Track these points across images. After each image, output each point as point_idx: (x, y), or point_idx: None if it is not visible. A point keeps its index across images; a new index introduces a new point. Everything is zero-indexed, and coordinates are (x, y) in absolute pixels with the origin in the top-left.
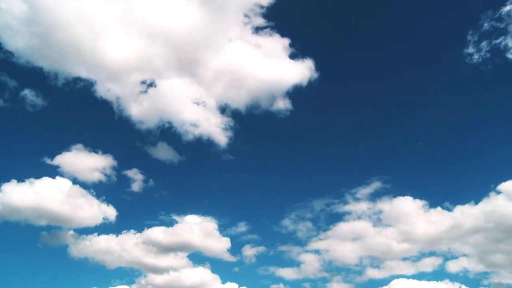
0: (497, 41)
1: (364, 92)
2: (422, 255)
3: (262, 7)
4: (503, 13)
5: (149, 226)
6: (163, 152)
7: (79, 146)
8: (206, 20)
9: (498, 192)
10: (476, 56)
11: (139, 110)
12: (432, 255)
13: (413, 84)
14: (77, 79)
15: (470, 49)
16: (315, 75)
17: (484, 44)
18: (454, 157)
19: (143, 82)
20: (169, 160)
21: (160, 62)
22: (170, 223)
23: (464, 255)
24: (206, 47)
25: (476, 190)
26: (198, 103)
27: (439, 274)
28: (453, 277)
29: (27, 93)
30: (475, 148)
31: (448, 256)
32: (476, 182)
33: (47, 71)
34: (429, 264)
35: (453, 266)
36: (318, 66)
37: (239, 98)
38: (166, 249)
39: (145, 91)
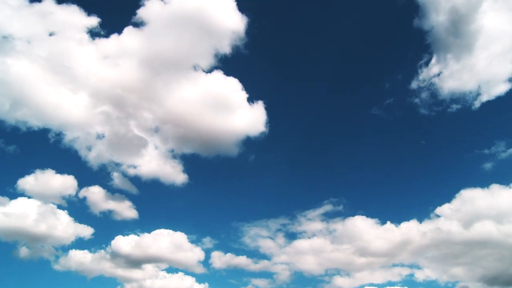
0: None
1: (312, 132)
2: (386, 267)
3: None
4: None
5: (120, 241)
6: (123, 185)
7: (45, 170)
8: (149, 72)
9: (438, 216)
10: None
11: (94, 154)
12: (395, 266)
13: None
14: (39, 130)
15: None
16: (265, 116)
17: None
18: (396, 182)
19: (97, 132)
20: (130, 192)
21: (114, 112)
22: (141, 237)
23: (427, 267)
24: (152, 97)
25: (418, 212)
26: (148, 145)
27: (408, 283)
28: (424, 285)
29: None
30: (414, 177)
31: (413, 267)
32: (417, 207)
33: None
34: (396, 274)
35: (419, 276)
36: (268, 108)
37: (188, 142)
38: (140, 261)
39: (99, 138)
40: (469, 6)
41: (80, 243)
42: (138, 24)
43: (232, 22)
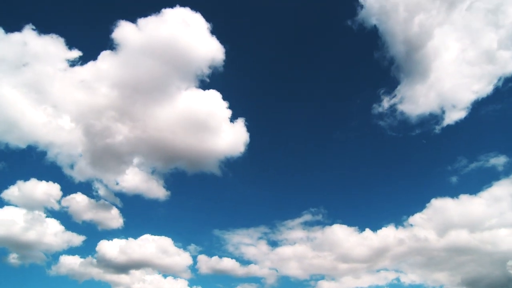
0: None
1: (289, 148)
2: (371, 271)
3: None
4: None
5: (108, 247)
6: (108, 198)
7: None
8: (130, 93)
9: (411, 225)
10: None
11: (78, 171)
12: (380, 271)
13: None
14: (20, 151)
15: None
16: (246, 135)
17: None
18: (371, 193)
19: (78, 152)
20: (115, 204)
21: (97, 131)
22: (129, 245)
23: (412, 272)
24: (133, 117)
25: (393, 221)
26: (130, 164)
27: (394, 287)
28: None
29: None
30: (386, 188)
31: (398, 271)
32: (391, 217)
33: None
34: (381, 278)
35: (405, 280)
36: (248, 126)
37: (170, 160)
38: (129, 266)
39: (81, 156)
40: (421, 36)
41: (69, 250)
42: (114, 48)
43: (209, 46)
